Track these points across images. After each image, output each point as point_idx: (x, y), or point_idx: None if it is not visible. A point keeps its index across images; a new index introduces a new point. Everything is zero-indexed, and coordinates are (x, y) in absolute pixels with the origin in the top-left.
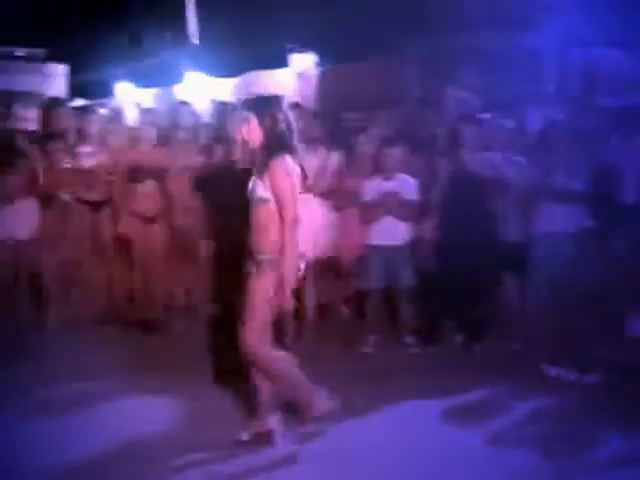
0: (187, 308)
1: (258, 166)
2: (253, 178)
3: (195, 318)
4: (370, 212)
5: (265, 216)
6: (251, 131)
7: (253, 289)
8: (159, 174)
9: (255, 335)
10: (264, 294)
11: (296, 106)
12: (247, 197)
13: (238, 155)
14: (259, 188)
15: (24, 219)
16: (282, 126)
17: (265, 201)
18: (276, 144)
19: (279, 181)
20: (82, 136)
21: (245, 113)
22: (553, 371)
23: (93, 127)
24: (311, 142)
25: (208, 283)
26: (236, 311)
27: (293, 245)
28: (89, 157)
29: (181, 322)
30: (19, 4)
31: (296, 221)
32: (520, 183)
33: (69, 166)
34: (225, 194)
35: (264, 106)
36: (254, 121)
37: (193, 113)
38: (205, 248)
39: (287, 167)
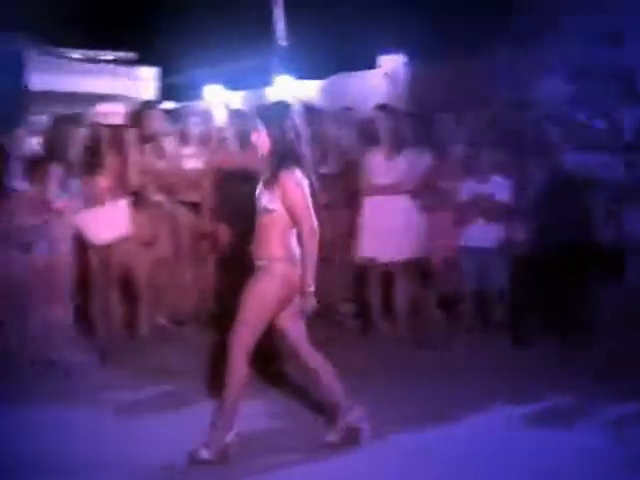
0: None
1: (267, 176)
2: (260, 186)
3: None
4: (463, 214)
5: (267, 225)
6: (261, 140)
7: (250, 292)
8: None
9: (242, 337)
10: (260, 298)
11: (384, 108)
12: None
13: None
14: (265, 197)
15: (114, 220)
16: (291, 136)
17: (269, 211)
18: (284, 155)
19: (292, 194)
20: (182, 138)
21: (257, 121)
22: None
23: (193, 129)
24: (400, 143)
25: None
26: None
27: (313, 254)
28: (189, 158)
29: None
30: (110, 8)
31: (315, 231)
32: (614, 183)
33: (164, 167)
34: None
35: (272, 115)
36: (263, 130)
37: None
38: None
39: (297, 179)
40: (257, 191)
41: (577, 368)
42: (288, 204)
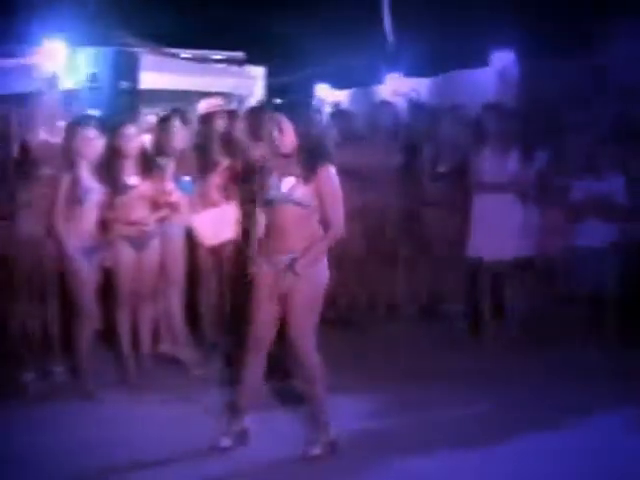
0: (388, 308)
1: (300, 171)
2: (285, 179)
3: (394, 318)
4: (577, 212)
5: (300, 219)
6: (285, 134)
7: (263, 286)
8: (362, 174)
9: (310, 337)
10: (312, 294)
11: (495, 106)
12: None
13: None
14: (298, 191)
15: (224, 223)
16: (319, 131)
17: (304, 206)
18: (316, 150)
19: (333, 191)
20: None
21: (277, 115)
22: None
23: None
24: (509, 142)
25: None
26: None
27: (323, 251)
28: None
29: (381, 321)
30: (219, 8)
31: (339, 236)
32: None
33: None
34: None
35: (300, 110)
36: (288, 125)
37: (394, 113)
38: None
39: (335, 178)
40: (274, 183)
41: None
42: (328, 199)
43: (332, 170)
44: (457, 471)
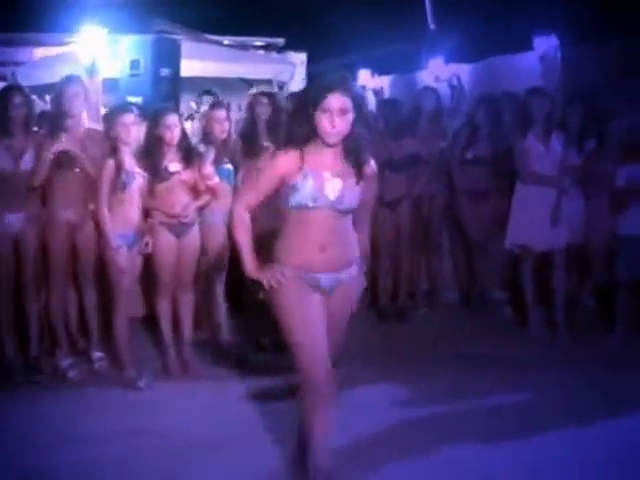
0: (428, 294)
1: (345, 168)
2: (329, 179)
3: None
4: (621, 199)
5: (345, 226)
6: (344, 119)
7: (309, 311)
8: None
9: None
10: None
11: (538, 91)
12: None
13: None
14: (348, 194)
15: None
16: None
17: (350, 211)
18: (364, 143)
19: (375, 191)
20: None
21: (340, 94)
22: None
23: None
24: (553, 128)
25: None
26: None
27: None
28: None
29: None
30: None
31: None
32: None
33: None
34: None
35: (357, 93)
36: (349, 106)
37: (437, 99)
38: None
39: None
40: (315, 185)
41: None
42: (366, 202)
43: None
44: (503, 460)
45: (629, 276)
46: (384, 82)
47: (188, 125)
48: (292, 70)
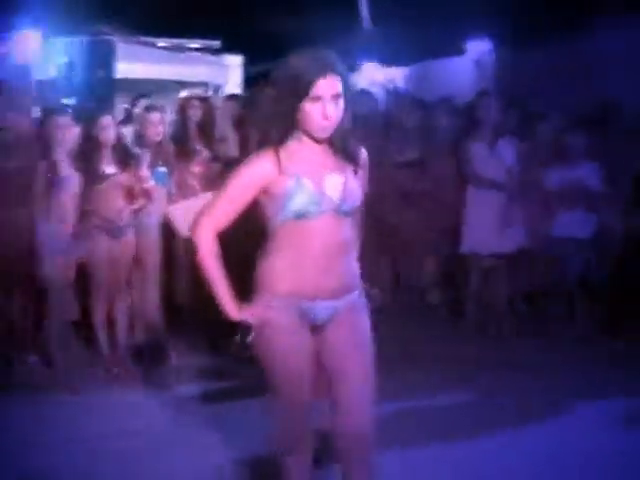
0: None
1: (339, 162)
2: (325, 176)
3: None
4: (553, 201)
5: (346, 234)
6: (338, 107)
7: (297, 351)
8: None
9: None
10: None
11: (487, 95)
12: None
13: None
14: (351, 190)
15: None
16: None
17: (351, 213)
18: (350, 128)
19: (367, 177)
20: None
21: (333, 76)
22: None
23: None
24: (501, 131)
25: None
26: None
27: None
28: None
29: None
30: None
31: None
32: None
33: None
34: None
35: (348, 77)
36: (340, 90)
37: (372, 101)
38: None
39: None
40: (314, 187)
41: None
42: (363, 194)
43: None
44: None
45: (562, 277)
46: None
47: (123, 128)
48: (227, 72)
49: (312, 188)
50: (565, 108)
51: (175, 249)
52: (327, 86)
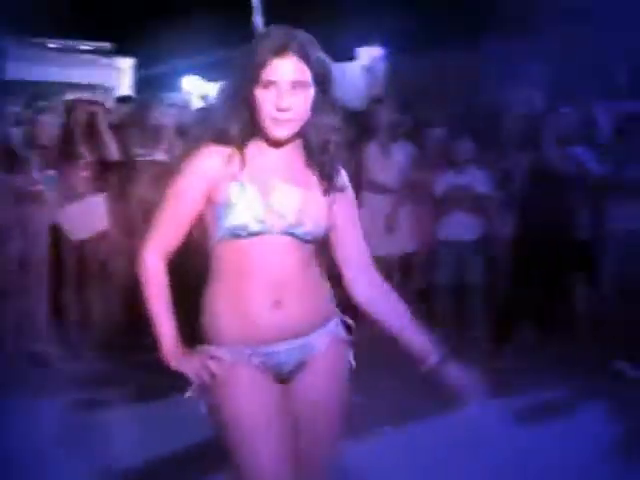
0: None
1: (303, 172)
2: (274, 186)
3: None
4: (441, 206)
5: (316, 266)
6: (301, 97)
7: (255, 408)
8: None
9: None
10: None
11: (382, 101)
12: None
13: None
14: (312, 211)
15: (92, 216)
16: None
17: (318, 240)
18: (336, 140)
19: (355, 204)
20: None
21: (294, 58)
22: (626, 369)
23: (171, 120)
24: (395, 137)
25: None
26: None
27: None
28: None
29: None
30: None
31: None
32: (595, 178)
33: (148, 159)
34: None
35: (322, 59)
36: (308, 79)
37: None
38: None
39: None
40: (239, 198)
41: (550, 362)
42: (345, 224)
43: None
44: None
45: (449, 280)
46: (212, 89)
47: (13, 129)
48: (119, 75)
49: (258, 199)
50: (454, 114)
51: (64, 254)
52: (284, 69)
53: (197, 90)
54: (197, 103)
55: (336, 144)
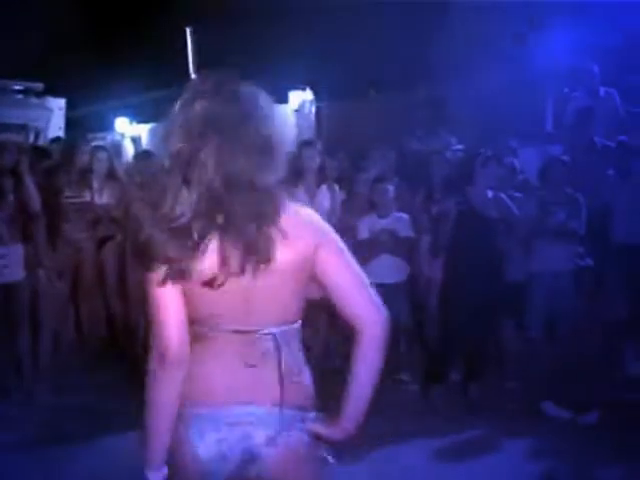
0: None
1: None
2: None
3: None
4: (365, 250)
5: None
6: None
7: None
8: None
9: None
10: None
11: (309, 144)
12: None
13: None
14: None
15: (10, 264)
16: None
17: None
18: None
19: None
20: (88, 171)
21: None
22: (551, 410)
23: (101, 163)
24: (322, 180)
25: None
26: None
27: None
28: (98, 193)
29: None
30: (17, 37)
31: None
32: (521, 221)
33: (76, 201)
34: None
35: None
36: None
37: None
38: None
39: None
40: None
41: (477, 403)
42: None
43: None
44: None
45: None
46: (143, 130)
47: None
48: (49, 116)
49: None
50: (383, 157)
51: None
52: None
53: (128, 131)
54: (128, 144)
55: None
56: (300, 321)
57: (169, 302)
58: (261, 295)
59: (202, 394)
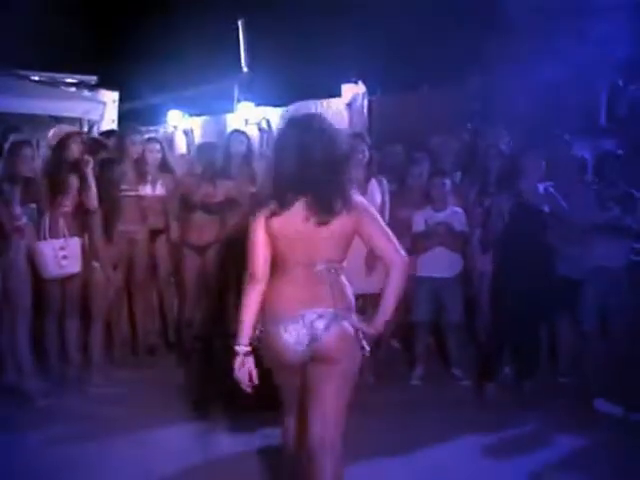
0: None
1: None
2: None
3: None
4: (420, 243)
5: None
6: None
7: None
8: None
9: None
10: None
11: (358, 136)
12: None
13: None
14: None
15: (68, 256)
16: None
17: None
18: None
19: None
20: (142, 164)
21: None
22: (603, 406)
23: (154, 154)
24: (371, 172)
25: None
26: None
27: None
28: (150, 185)
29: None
30: (72, 30)
31: None
32: (575, 216)
33: (130, 194)
34: None
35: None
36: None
37: (247, 142)
38: None
39: None
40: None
41: (529, 399)
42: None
43: None
44: None
45: (427, 317)
46: (195, 123)
47: None
48: (103, 109)
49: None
50: (437, 152)
51: (44, 287)
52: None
53: (181, 124)
54: (180, 137)
55: None
56: (344, 261)
57: (260, 243)
58: (321, 243)
59: (284, 305)
